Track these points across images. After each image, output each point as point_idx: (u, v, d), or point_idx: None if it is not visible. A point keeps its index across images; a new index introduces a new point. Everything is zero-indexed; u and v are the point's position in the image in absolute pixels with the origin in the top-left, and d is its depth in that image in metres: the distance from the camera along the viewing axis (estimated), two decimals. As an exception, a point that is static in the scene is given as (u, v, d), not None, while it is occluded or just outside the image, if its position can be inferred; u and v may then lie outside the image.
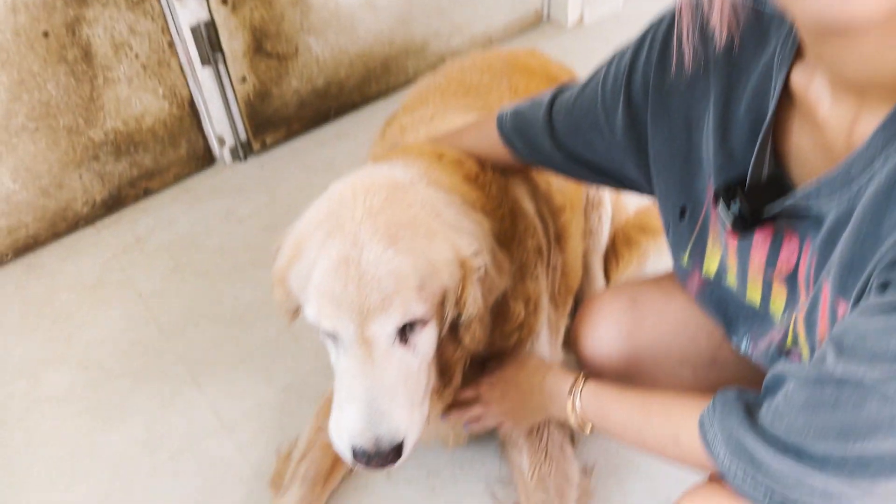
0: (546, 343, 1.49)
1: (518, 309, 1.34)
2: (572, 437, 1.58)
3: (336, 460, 1.60)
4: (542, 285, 1.44)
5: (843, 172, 0.76)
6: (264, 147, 2.47)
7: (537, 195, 1.50)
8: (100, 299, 2.05)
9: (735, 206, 0.89)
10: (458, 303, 1.17)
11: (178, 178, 2.37)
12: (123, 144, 2.21)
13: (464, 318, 1.19)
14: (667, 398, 1.03)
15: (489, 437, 1.63)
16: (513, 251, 1.34)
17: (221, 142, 2.39)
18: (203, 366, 1.88)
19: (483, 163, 1.36)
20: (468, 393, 1.38)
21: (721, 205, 0.91)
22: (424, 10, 2.58)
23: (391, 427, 1.10)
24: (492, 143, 1.31)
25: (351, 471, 1.61)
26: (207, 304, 2.03)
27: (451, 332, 1.24)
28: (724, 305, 1.09)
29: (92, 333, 1.97)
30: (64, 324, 1.99)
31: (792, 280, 0.93)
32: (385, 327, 1.09)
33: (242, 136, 2.41)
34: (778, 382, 0.84)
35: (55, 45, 1.97)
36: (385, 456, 1.10)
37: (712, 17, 0.85)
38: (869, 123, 0.74)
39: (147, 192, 2.32)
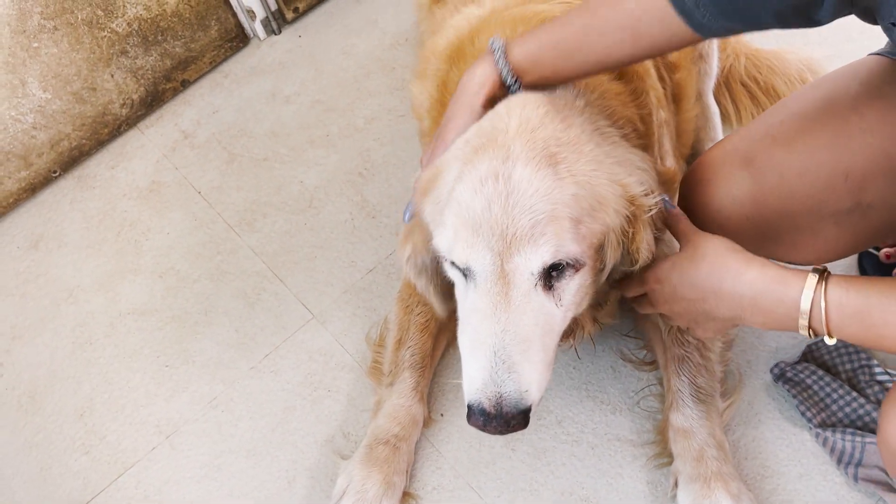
0: None
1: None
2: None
3: (437, 338, 1.51)
4: (675, 162, 1.29)
5: None
6: (298, 14, 2.24)
7: None
8: (159, 203, 1.94)
9: None
10: (629, 248, 1.00)
11: (214, 63, 2.18)
12: (150, 33, 2.02)
13: (637, 266, 1.03)
14: None
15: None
16: (649, 126, 1.19)
17: (252, 15, 2.17)
18: (281, 257, 1.78)
19: None
20: (634, 290, 1.13)
21: None
22: None
23: (519, 386, 0.92)
24: (671, 25, 0.97)
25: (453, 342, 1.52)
26: (272, 192, 1.89)
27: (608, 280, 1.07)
28: None
29: (159, 239, 1.87)
30: (129, 233, 1.89)
31: None
32: (530, 262, 0.92)
33: (272, 5, 2.18)
34: None
35: (53, -73, 1.75)
36: (506, 420, 0.93)
37: None
38: None
39: (185, 84, 2.15)
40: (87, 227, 1.93)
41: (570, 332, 1.21)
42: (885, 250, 1.46)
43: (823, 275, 0.88)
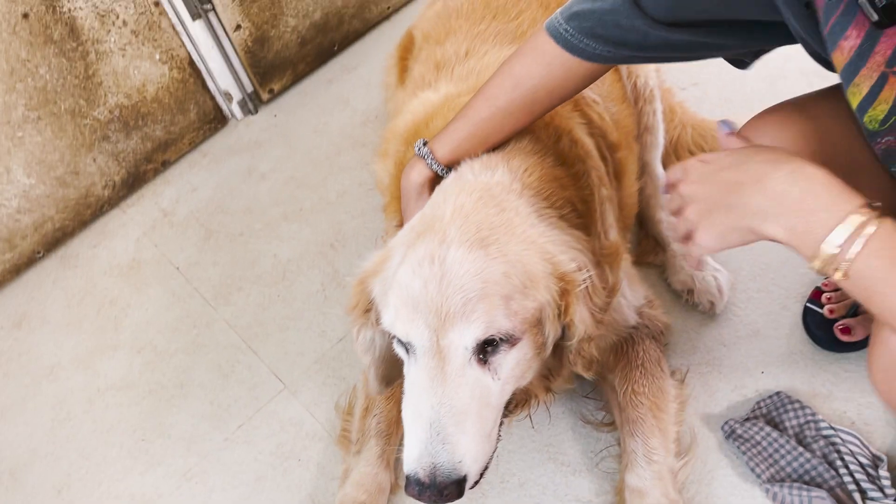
0: (627, 290, 1.41)
1: (606, 275, 1.22)
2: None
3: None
4: (618, 235, 1.36)
5: None
6: (273, 95, 2.36)
7: (594, 130, 1.42)
8: (139, 279, 2.01)
9: None
10: (564, 323, 1.07)
11: (193, 143, 2.28)
12: (131, 119, 2.13)
13: (574, 340, 1.09)
14: None
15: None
16: (591, 204, 1.27)
17: (229, 97, 2.28)
18: (255, 329, 1.84)
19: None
20: (674, 173, 1.00)
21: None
22: (413, -83, 2.40)
23: (452, 458, 0.97)
24: (553, 62, 1.15)
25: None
26: (246, 266, 1.97)
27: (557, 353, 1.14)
28: None
29: (138, 315, 1.93)
30: (109, 310, 1.96)
31: None
32: (464, 337, 0.98)
33: (248, 87, 2.30)
34: None
35: (38, 25, 1.87)
36: (440, 490, 0.97)
37: None
38: None
39: (165, 164, 2.25)
40: (68, 305, 2.00)
41: (523, 403, 1.26)
42: (828, 306, 1.52)
43: (866, 208, 0.83)
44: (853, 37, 0.86)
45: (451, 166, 1.22)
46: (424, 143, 1.26)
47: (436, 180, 1.23)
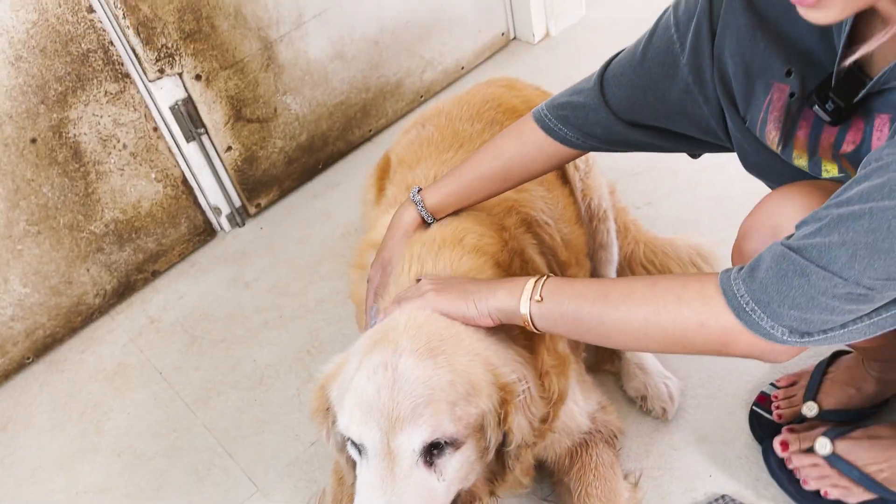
0: (580, 396, 1.51)
1: (552, 385, 1.31)
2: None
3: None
4: (566, 347, 1.45)
5: None
6: (260, 209, 2.52)
7: (545, 250, 1.55)
8: (123, 384, 2.10)
9: (829, 103, 1.01)
10: (503, 429, 1.15)
11: (183, 255, 2.42)
12: (125, 232, 2.27)
13: (511, 446, 1.18)
14: (643, 277, 1.10)
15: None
16: None
17: (217, 211, 2.44)
18: (231, 433, 1.91)
19: (502, 236, 1.42)
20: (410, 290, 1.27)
21: (816, 103, 1.03)
22: (393, 51, 2.64)
23: None
24: (537, 145, 1.39)
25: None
26: (227, 371, 2.07)
27: (499, 458, 1.22)
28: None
29: (120, 419, 2.01)
30: (92, 414, 2.04)
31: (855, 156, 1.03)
32: (412, 440, 1.06)
33: (237, 202, 2.47)
34: None
35: (44, 149, 2.04)
36: None
37: None
38: None
39: (155, 274, 2.38)
40: (53, 408, 2.07)
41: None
42: (777, 411, 1.62)
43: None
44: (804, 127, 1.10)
45: (434, 216, 1.44)
46: (419, 191, 1.45)
47: (422, 225, 1.44)
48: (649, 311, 1.03)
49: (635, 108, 1.29)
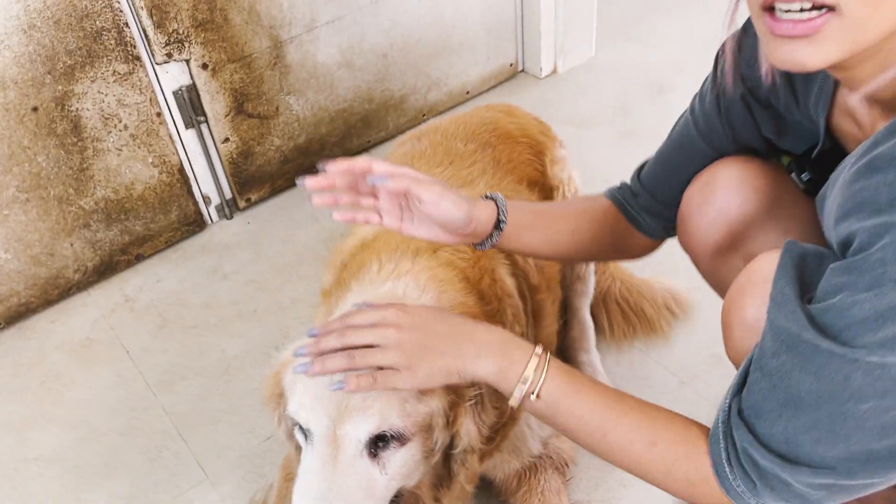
0: (534, 420, 1.49)
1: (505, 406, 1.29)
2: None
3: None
4: None
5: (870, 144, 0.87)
6: (249, 203, 2.54)
7: (517, 271, 1.56)
8: (88, 358, 2.10)
9: (806, 174, 1.12)
10: (451, 432, 1.16)
11: (170, 242, 2.43)
12: (114, 212, 2.29)
13: (458, 450, 1.18)
14: (643, 402, 1.06)
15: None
16: None
17: (207, 201, 2.47)
18: (189, 419, 1.91)
19: (474, 252, 1.40)
20: (363, 316, 1.09)
21: (794, 173, 1.14)
22: (401, 67, 2.68)
23: None
24: (610, 223, 1.40)
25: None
26: (194, 358, 2.07)
27: (446, 463, 1.22)
28: None
29: (79, 392, 2.01)
30: (52, 384, 2.04)
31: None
32: (358, 430, 1.07)
33: (227, 194, 2.49)
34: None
35: (45, 119, 2.06)
36: None
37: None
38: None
39: (139, 258, 2.39)
40: (14, 374, 2.07)
41: None
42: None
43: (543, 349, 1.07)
44: None
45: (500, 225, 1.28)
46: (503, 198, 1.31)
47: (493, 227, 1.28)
48: (642, 470, 1.05)
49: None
